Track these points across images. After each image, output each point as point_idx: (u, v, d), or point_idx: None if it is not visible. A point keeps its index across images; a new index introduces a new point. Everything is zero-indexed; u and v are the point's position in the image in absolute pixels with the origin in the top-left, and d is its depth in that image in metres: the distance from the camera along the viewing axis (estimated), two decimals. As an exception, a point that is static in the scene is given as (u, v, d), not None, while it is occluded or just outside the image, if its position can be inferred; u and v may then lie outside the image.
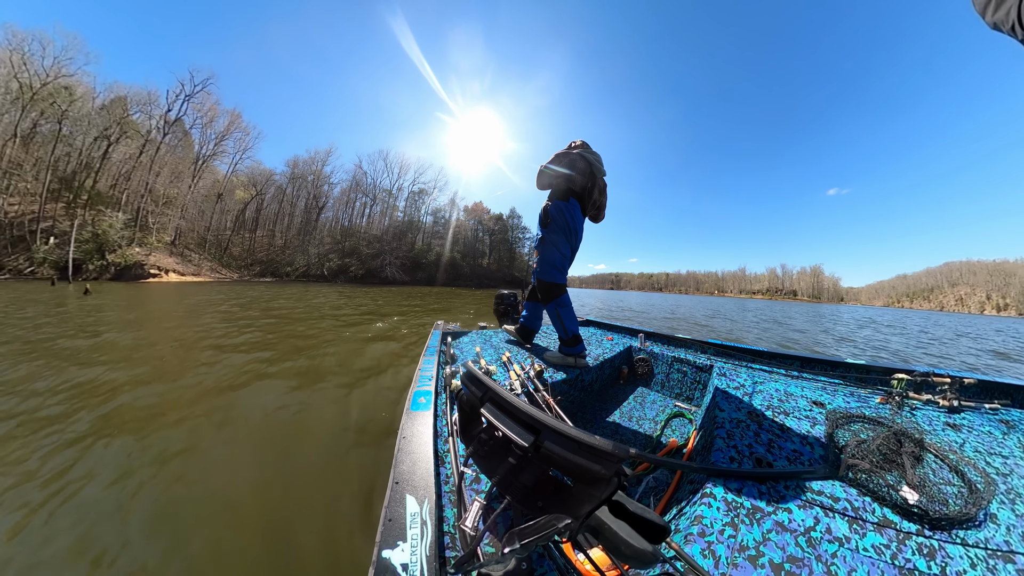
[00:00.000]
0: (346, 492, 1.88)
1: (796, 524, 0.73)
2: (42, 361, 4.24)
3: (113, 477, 1.97)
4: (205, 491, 1.89)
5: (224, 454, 2.26)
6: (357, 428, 2.63)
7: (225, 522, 1.67)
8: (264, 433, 2.57)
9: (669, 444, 1.42)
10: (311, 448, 2.34)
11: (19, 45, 35.58)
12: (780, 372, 1.67)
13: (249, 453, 2.27)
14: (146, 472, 2.02)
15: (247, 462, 2.17)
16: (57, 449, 2.23)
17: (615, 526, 0.50)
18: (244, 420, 2.76)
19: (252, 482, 1.97)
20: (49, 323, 6.89)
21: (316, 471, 2.09)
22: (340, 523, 1.66)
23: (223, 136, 51.98)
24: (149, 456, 2.18)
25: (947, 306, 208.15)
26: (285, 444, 2.39)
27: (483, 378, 0.78)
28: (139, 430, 2.52)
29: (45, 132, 36.70)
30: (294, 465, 2.14)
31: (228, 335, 6.23)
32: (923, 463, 0.88)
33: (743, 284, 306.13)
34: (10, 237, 31.40)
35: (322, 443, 2.42)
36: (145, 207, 40.88)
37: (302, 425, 2.69)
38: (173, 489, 1.90)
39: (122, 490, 1.87)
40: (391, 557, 0.61)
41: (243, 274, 46.71)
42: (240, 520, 1.68)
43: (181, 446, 2.32)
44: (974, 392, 1.34)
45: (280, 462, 2.16)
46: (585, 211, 2.01)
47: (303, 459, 2.21)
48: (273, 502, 1.80)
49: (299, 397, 3.24)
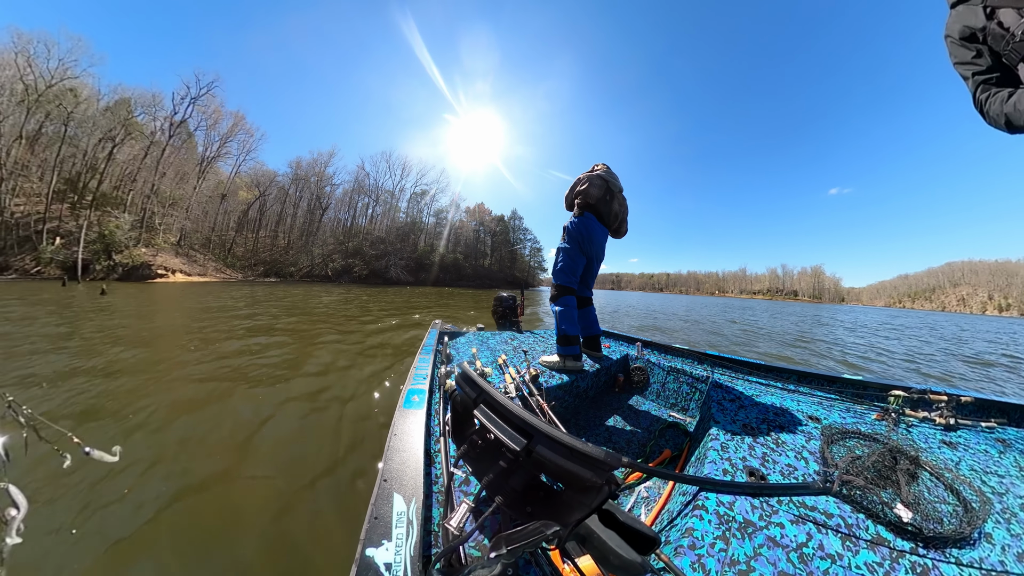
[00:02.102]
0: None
1: (788, 539, 0.72)
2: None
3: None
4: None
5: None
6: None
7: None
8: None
9: (662, 454, 1.41)
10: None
11: (24, 47, 35.70)
12: (776, 386, 1.66)
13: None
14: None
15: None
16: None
17: (604, 535, 0.50)
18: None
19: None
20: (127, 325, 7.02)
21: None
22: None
23: (227, 138, 52.18)
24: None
25: (949, 306, 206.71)
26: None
27: (478, 379, 0.78)
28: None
29: (50, 133, 36.90)
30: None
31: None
32: (918, 481, 0.88)
33: (743, 284, 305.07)
34: (16, 237, 31.54)
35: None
36: (151, 208, 41.06)
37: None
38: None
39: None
40: (375, 556, 0.61)
41: (247, 274, 46.75)
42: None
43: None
44: (970, 410, 1.33)
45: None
46: (605, 222, 2.20)
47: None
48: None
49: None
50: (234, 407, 2.90)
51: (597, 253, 2.21)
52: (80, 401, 2.97)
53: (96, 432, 2.47)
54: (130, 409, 2.79)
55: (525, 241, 72.74)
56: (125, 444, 1.98)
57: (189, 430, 2.50)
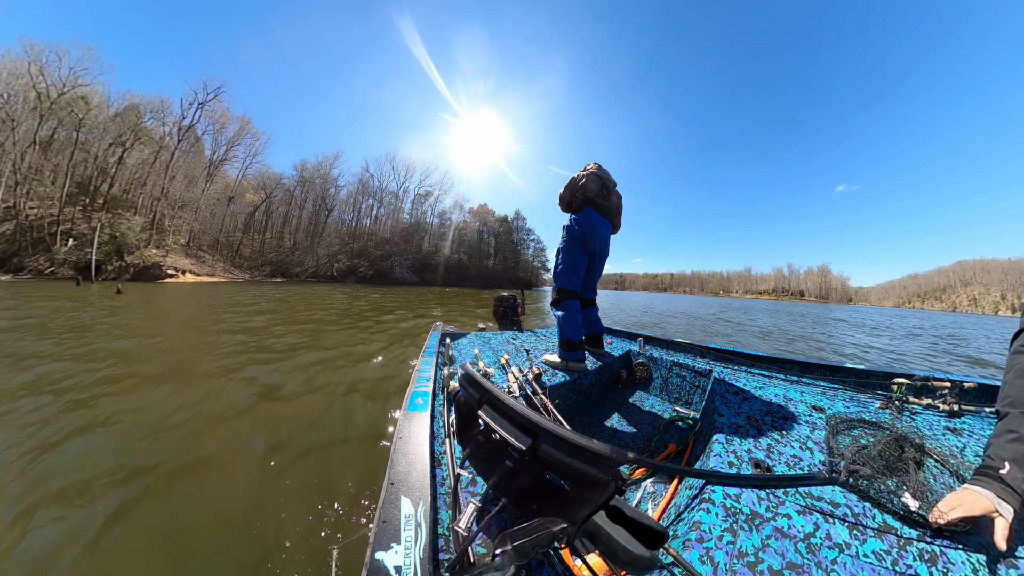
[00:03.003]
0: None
1: (795, 530, 0.72)
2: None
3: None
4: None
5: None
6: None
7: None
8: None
9: (668, 449, 1.41)
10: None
11: (36, 56, 36.58)
12: (779, 377, 1.65)
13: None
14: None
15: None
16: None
17: (612, 531, 0.50)
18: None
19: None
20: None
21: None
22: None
23: (234, 141, 52.94)
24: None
25: (960, 306, 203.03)
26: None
27: (481, 380, 0.77)
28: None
29: (62, 139, 37.70)
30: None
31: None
32: (924, 468, 0.88)
33: (749, 284, 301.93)
34: (31, 239, 32.28)
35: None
36: (161, 210, 41.79)
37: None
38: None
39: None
40: (384, 559, 0.61)
41: (254, 275, 47.39)
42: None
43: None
44: (974, 396, 1.32)
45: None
46: (607, 215, 2.12)
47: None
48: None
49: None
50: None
51: (600, 249, 2.13)
52: (167, 362, 4.19)
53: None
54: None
55: (529, 241, 72.98)
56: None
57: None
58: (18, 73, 35.48)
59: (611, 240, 2.26)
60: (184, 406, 2.88)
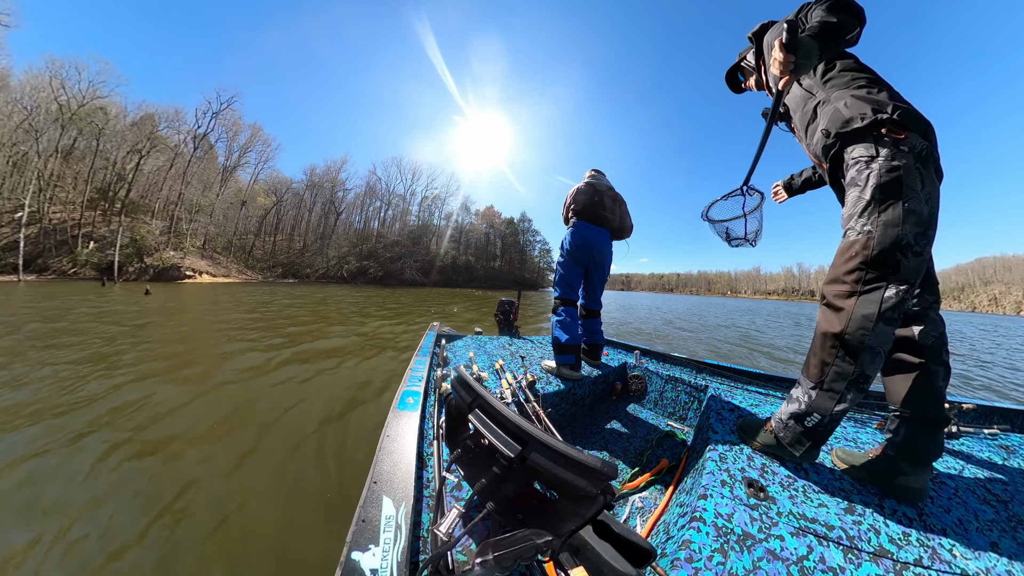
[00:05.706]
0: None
1: (788, 552, 0.70)
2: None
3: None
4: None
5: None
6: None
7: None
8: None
9: (660, 464, 1.37)
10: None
11: (57, 71, 38.01)
12: (776, 395, 1.63)
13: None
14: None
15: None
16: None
17: (599, 547, 0.50)
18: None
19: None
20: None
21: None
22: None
23: (246, 148, 54.23)
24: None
25: (980, 307, 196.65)
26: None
27: (473, 384, 0.77)
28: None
29: (82, 148, 39.14)
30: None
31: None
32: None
33: (757, 284, 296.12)
34: (54, 241, 33.60)
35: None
36: (178, 214, 43.09)
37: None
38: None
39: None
40: (360, 560, 0.59)
41: (266, 276, 48.32)
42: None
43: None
44: (973, 417, 1.32)
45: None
46: (602, 223, 2.13)
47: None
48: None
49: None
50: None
51: (595, 258, 2.15)
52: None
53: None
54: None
55: (535, 243, 72.99)
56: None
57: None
58: (40, 87, 36.82)
59: (617, 243, 2.27)
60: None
